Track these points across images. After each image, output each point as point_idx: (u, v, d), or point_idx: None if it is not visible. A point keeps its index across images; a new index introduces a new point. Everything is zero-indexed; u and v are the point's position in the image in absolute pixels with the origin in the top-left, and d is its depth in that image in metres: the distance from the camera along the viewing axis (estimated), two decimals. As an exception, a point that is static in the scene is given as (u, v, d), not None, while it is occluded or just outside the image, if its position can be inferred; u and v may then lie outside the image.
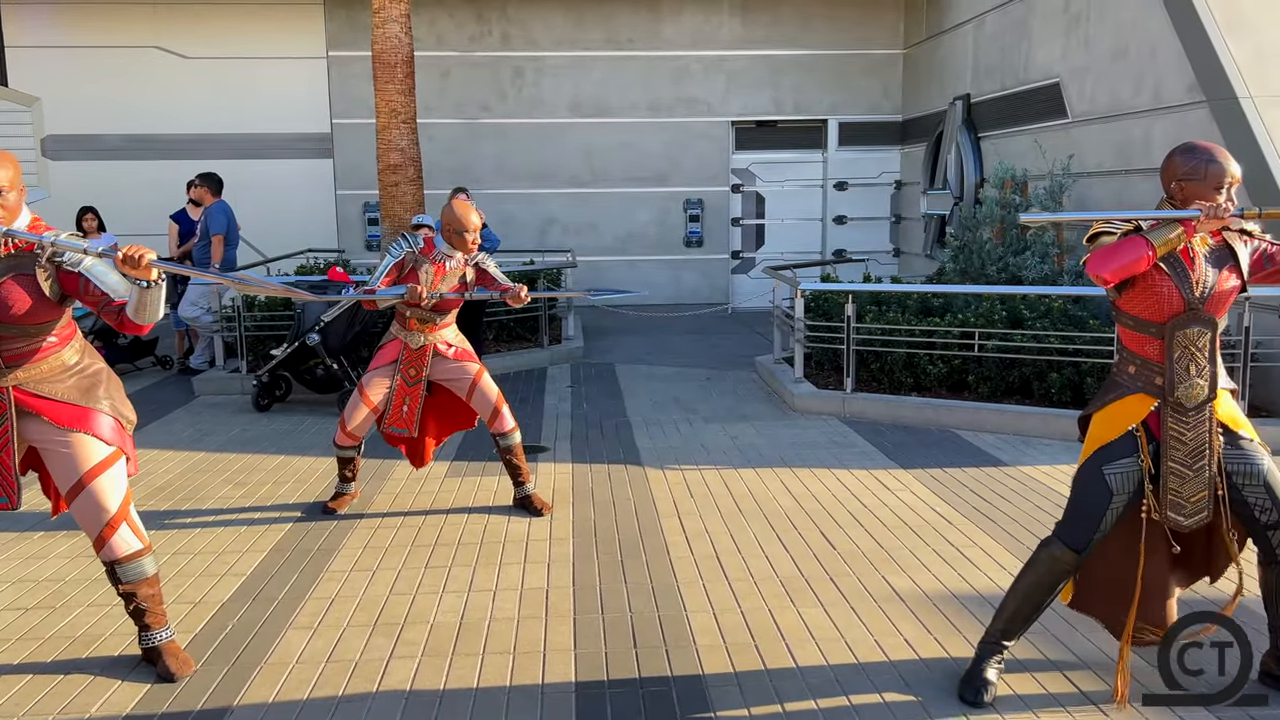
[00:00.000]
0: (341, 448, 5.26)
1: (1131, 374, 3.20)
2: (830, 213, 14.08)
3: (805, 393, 7.63)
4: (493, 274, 5.19)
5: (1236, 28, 7.23)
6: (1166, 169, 3.15)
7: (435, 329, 5.14)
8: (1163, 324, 3.10)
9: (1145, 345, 3.16)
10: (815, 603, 4.06)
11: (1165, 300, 3.08)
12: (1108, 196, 8.59)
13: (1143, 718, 3.16)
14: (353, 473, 5.36)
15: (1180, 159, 3.12)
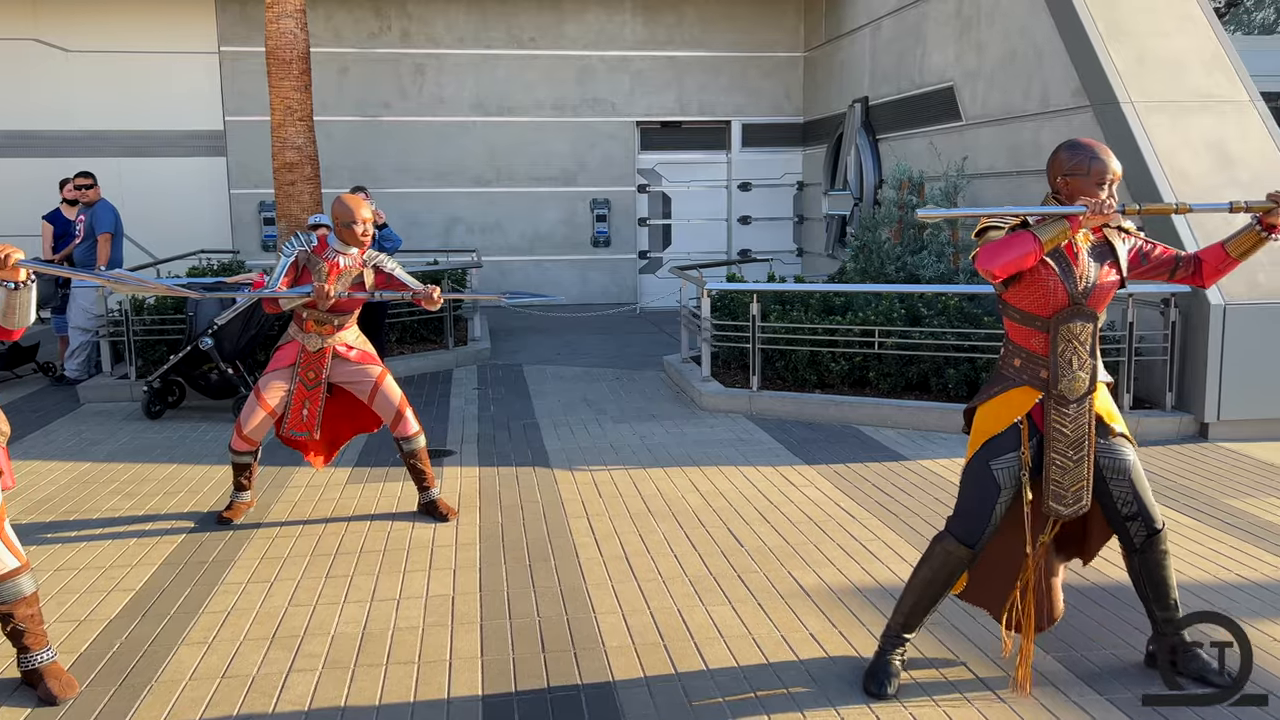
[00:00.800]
0: (237, 453, 5.08)
1: (1017, 367, 3.26)
2: (735, 213, 14.24)
3: (712, 391, 7.68)
4: (398, 276, 5.07)
5: (1117, 36, 7.54)
6: (1052, 165, 3.23)
7: (334, 331, 5.00)
8: (1048, 318, 3.18)
9: (1030, 338, 3.23)
10: (723, 601, 4.08)
11: (1050, 294, 3.15)
12: (1001, 196, 8.87)
13: (1044, 709, 3.25)
14: (249, 480, 5.18)
15: (1065, 155, 3.20)
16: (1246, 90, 7.37)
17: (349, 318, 5.06)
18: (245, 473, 5.15)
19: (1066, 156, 3.19)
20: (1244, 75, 7.46)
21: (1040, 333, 3.21)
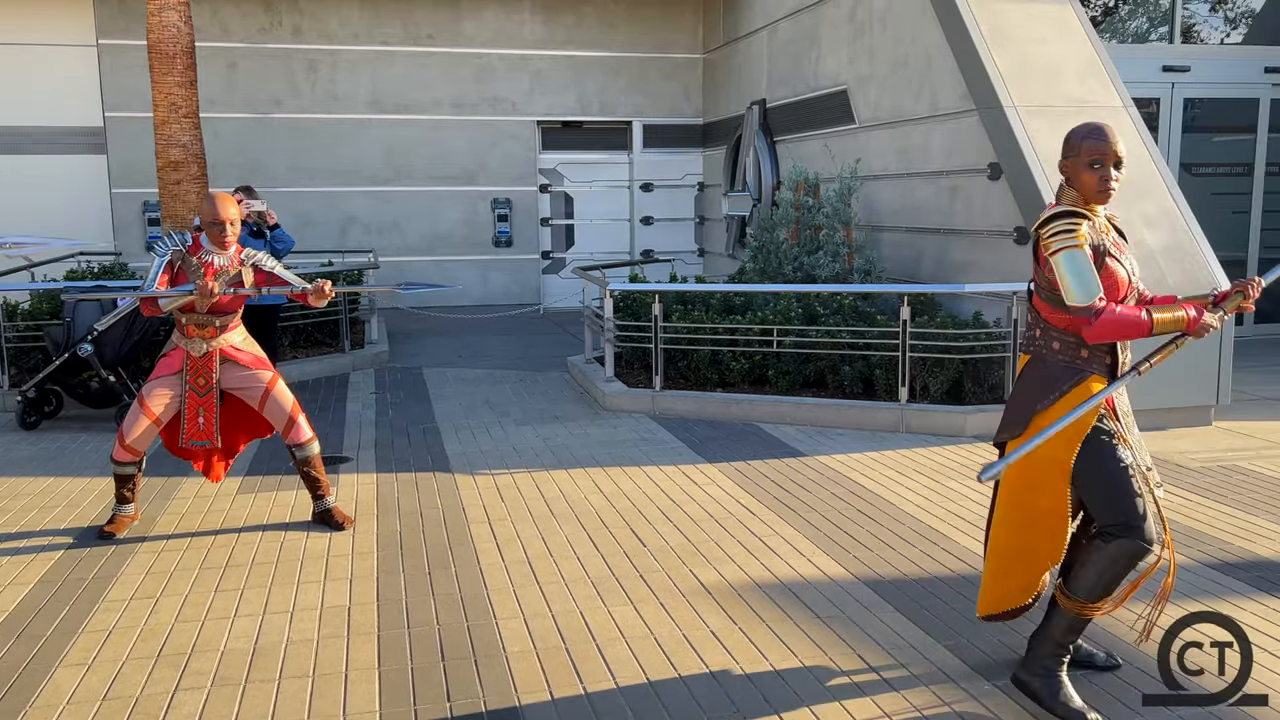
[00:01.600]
0: (120, 464, 4.86)
1: (1085, 357, 3.15)
2: (638, 213, 14.28)
3: (616, 392, 7.69)
4: (279, 274, 4.91)
5: (1001, 43, 7.82)
6: (1062, 149, 3.20)
7: (216, 333, 4.82)
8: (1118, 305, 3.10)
9: None
10: (626, 601, 4.08)
11: (1119, 283, 3.10)
12: (893, 198, 9.11)
13: (934, 697, 3.34)
14: (132, 492, 4.97)
15: (1068, 136, 3.16)
16: (1119, 96, 7.72)
17: (231, 318, 4.88)
18: (128, 484, 4.93)
19: (1065, 139, 3.16)
20: (1117, 81, 7.81)
21: None
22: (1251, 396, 7.60)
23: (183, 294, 4.66)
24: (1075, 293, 3.01)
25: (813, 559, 4.53)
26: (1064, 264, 3.04)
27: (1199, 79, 9.94)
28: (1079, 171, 3.11)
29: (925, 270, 8.60)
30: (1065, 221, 3.08)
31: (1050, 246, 3.07)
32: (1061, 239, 3.06)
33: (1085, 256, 3.03)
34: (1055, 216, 3.11)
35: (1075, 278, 3.02)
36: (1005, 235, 7.57)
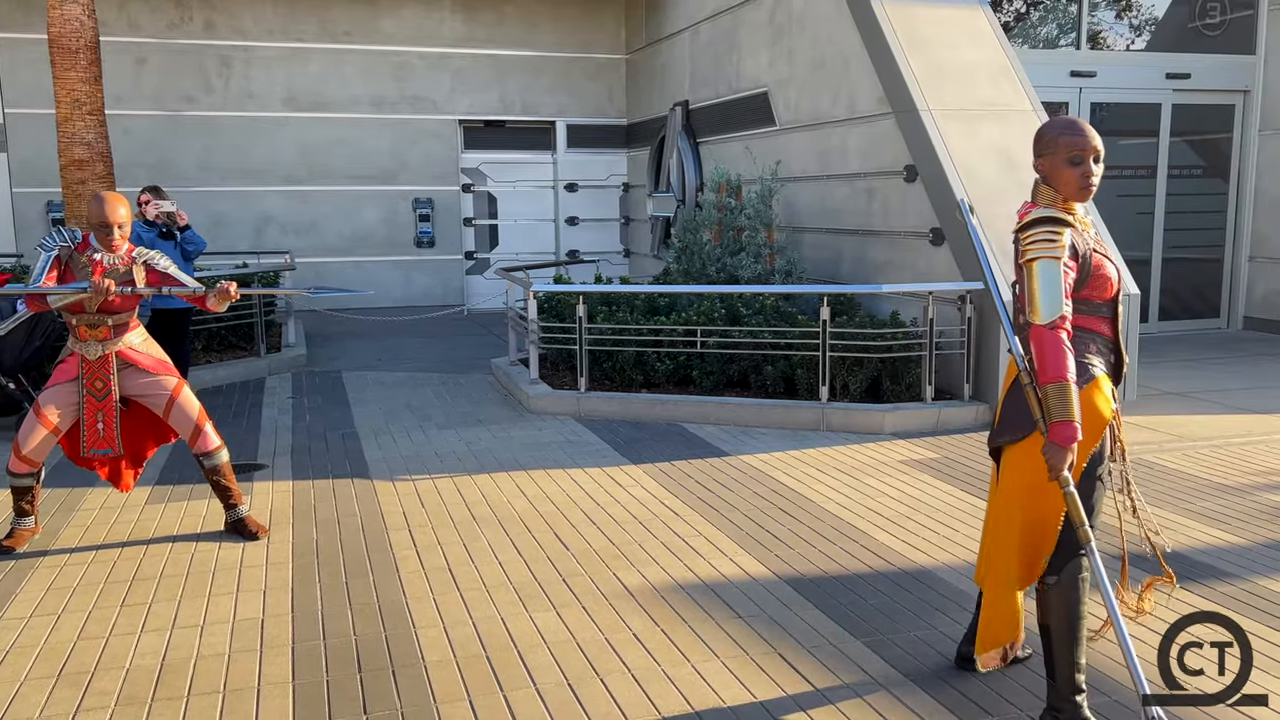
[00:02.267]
0: (16, 475, 4.66)
1: (1094, 352, 3.02)
2: (562, 214, 14.23)
3: (540, 394, 7.64)
4: (172, 274, 4.73)
5: (916, 47, 7.97)
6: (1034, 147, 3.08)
7: (109, 334, 4.63)
8: (1107, 301, 3.05)
9: (1099, 323, 3.05)
10: (548, 606, 4.05)
11: (1110, 281, 3.01)
12: (813, 200, 9.23)
13: (852, 691, 3.38)
14: (31, 504, 4.76)
15: (1040, 132, 3.05)
16: (1030, 100, 7.93)
17: (126, 318, 4.69)
18: (26, 496, 4.73)
19: (1037, 136, 3.05)
20: (1028, 86, 8.03)
21: (1104, 317, 3.05)
22: (1157, 392, 7.88)
23: (75, 290, 4.48)
24: (1042, 308, 2.85)
25: (735, 558, 4.56)
26: (1038, 274, 2.88)
27: (1105, 84, 10.28)
28: (1058, 169, 2.97)
29: (845, 271, 8.73)
30: (1048, 229, 2.91)
31: (1028, 253, 2.92)
32: (1040, 248, 2.90)
33: (1060, 271, 2.87)
34: (1038, 221, 2.94)
35: (1046, 292, 2.86)
36: (921, 236, 7.72)
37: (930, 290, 7.04)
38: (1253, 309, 10.97)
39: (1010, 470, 3.11)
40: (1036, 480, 2.98)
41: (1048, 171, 3.02)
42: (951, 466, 6.03)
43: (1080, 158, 2.97)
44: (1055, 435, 2.83)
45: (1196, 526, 4.91)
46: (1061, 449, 2.83)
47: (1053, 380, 2.83)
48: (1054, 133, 3.00)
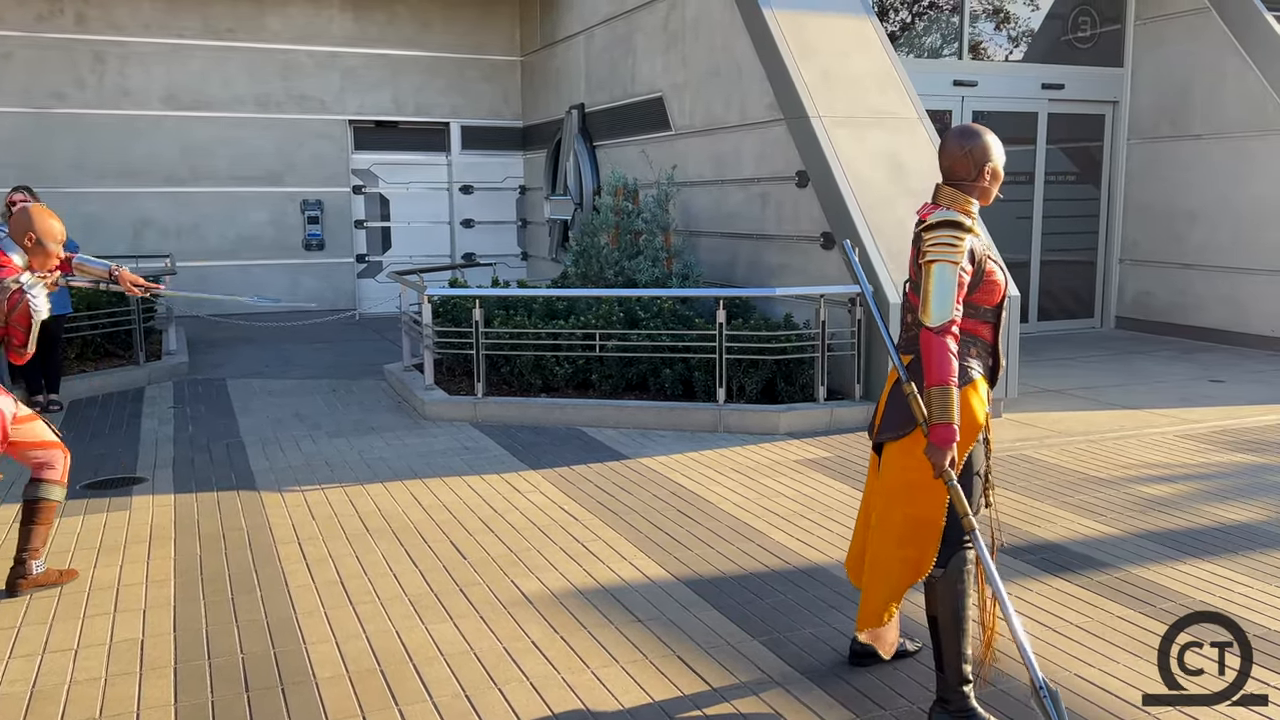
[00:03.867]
0: None
1: (974, 356, 3.12)
2: (458, 216, 14.04)
3: (436, 400, 7.51)
4: None
5: (806, 55, 8.13)
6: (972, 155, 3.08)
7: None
8: (994, 307, 3.12)
9: (980, 328, 3.13)
10: (444, 617, 3.98)
11: (999, 287, 3.09)
12: (709, 204, 9.32)
13: (748, 690, 3.41)
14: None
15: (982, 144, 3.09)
16: (915, 108, 8.17)
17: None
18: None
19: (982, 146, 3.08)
20: (913, 94, 8.27)
21: (987, 322, 3.13)
22: (1036, 389, 8.20)
23: None
24: (934, 311, 2.92)
25: (634, 562, 4.56)
26: (935, 277, 2.94)
27: (986, 93, 10.68)
28: (993, 181, 3.10)
29: (740, 274, 8.85)
30: (951, 233, 2.97)
31: (928, 254, 2.97)
32: (941, 250, 2.96)
33: (956, 276, 2.94)
34: (943, 224, 3.00)
35: (939, 295, 2.93)
36: (813, 240, 7.88)
37: (822, 293, 7.19)
38: (1124, 309, 11.54)
39: (891, 468, 3.19)
40: (917, 478, 3.07)
41: (984, 179, 3.12)
42: (844, 465, 6.16)
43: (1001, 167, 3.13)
44: (936, 437, 2.94)
45: (1074, 518, 5.12)
46: (942, 450, 2.93)
47: (937, 384, 2.92)
48: (995, 147, 3.13)
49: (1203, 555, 4.58)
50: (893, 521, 3.17)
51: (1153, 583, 4.26)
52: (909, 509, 3.12)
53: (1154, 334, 11.00)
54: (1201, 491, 5.55)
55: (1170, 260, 10.92)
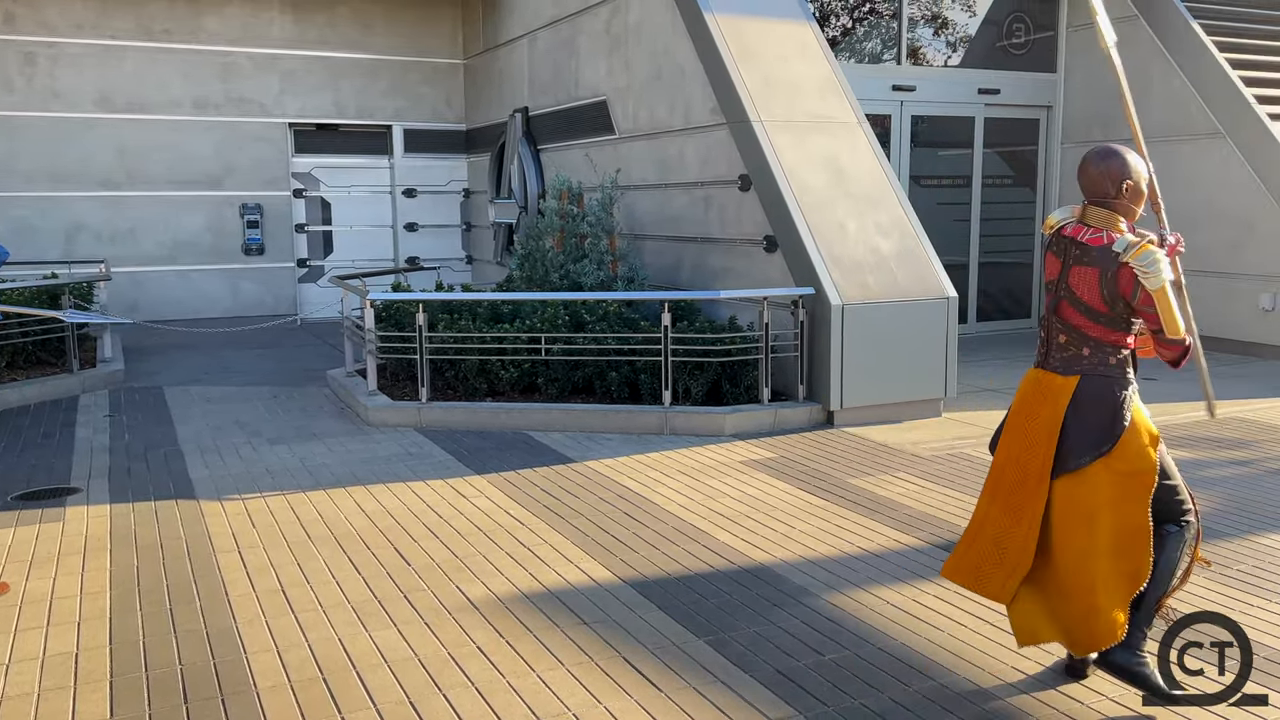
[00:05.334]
0: None
1: (1135, 369, 3.30)
2: (401, 220, 13.91)
3: (379, 405, 7.44)
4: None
5: (747, 59, 8.21)
6: (1117, 169, 3.19)
7: None
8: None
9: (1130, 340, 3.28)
10: (388, 624, 3.95)
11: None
12: (653, 208, 9.36)
13: (693, 690, 3.44)
14: None
15: (1119, 162, 3.20)
16: (855, 113, 8.30)
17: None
18: None
19: (1119, 164, 3.20)
20: (853, 99, 8.39)
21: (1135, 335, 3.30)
22: (975, 388, 8.37)
23: None
24: (1180, 326, 3.07)
25: (580, 565, 4.56)
26: (1171, 299, 3.05)
27: (924, 98, 10.87)
28: (1140, 198, 3.23)
29: (685, 277, 8.90)
30: (1160, 253, 3.08)
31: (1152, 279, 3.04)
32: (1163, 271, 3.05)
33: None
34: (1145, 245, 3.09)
35: (1175, 313, 3.07)
36: (756, 244, 7.95)
37: (765, 296, 7.26)
38: (1058, 309, 11.79)
39: (1089, 486, 3.18)
40: (1120, 492, 3.15)
41: (1137, 196, 3.23)
42: (788, 465, 6.23)
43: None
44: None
45: (1010, 514, 5.24)
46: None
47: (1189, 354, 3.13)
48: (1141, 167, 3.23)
49: (1133, 548, 4.71)
50: (1102, 540, 3.18)
51: (1085, 575, 4.37)
52: (1118, 522, 3.16)
53: (1088, 333, 11.28)
54: (1132, 486, 5.70)
55: (1103, 261, 11.20)
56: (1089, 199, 3.24)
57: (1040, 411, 3.27)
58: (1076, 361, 3.22)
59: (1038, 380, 3.33)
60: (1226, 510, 5.24)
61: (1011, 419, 3.40)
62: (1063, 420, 3.22)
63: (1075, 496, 3.22)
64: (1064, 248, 3.25)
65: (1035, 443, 3.27)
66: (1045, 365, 3.31)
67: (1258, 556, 4.58)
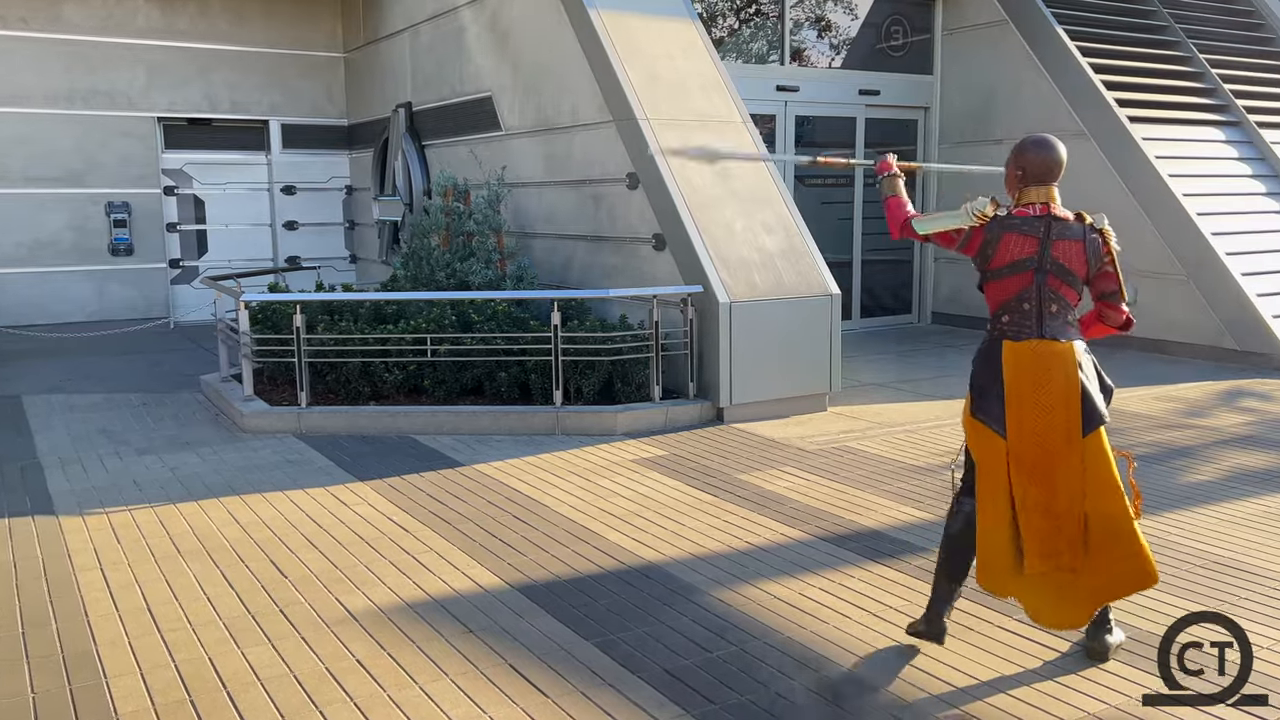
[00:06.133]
0: None
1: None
2: (280, 218, 13.43)
3: (256, 411, 7.16)
4: None
5: (633, 57, 8.19)
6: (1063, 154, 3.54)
7: None
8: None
9: None
10: (262, 640, 3.77)
11: None
12: (542, 205, 9.27)
13: (579, 694, 3.38)
14: None
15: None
16: (740, 112, 8.36)
17: None
18: None
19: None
20: (738, 99, 8.46)
21: None
22: (859, 383, 8.55)
23: None
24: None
25: (467, 571, 4.46)
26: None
27: (807, 98, 11.06)
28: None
29: (575, 276, 8.83)
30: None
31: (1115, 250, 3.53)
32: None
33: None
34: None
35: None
36: (645, 242, 7.94)
37: (655, 294, 7.26)
38: (939, 305, 12.19)
39: (1104, 445, 3.43)
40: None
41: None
42: (679, 462, 6.24)
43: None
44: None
45: (894, 506, 5.35)
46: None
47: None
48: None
49: (1008, 535, 4.85)
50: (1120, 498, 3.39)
51: (964, 563, 4.49)
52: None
53: (967, 328, 11.65)
54: (1008, 475, 5.89)
55: (979, 258, 11.58)
56: (1047, 182, 3.51)
57: (1050, 378, 3.42)
58: (1067, 328, 3.49)
59: (1035, 350, 3.45)
60: (1094, 496, 5.46)
61: (1014, 394, 3.44)
62: (1080, 383, 3.42)
63: (1103, 450, 3.42)
64: (1040, 226, 3.47)
65: (1052, 408, 3.40)
66: (1042, 334, 3.47)
67: (1123, 539, 4.78)
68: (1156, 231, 9.78)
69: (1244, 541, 4.73)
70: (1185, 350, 9.65)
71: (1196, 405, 7.68)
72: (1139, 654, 3.56)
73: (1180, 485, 5.63)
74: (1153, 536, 4.78)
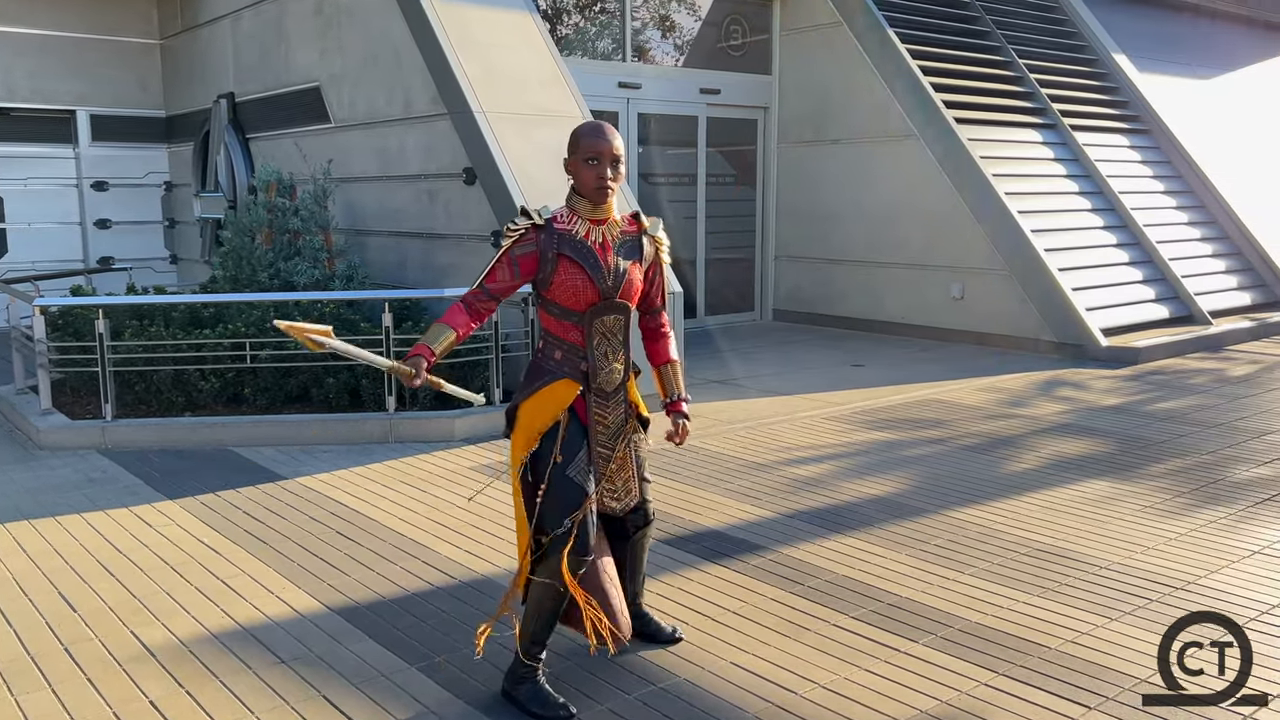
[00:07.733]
0: None
1: (558, 360, 3.21)
2: (90, 216, 12.44)
3: (55, 426, 6.53)
4: None
5: (467, 47, 7.91)
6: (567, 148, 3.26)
7: None
8: (582, 312, 3.17)
9: (569, 331, 3.21)
10: (41, 684, 3.36)
11: (582, 291, 3.14)
12: (375, 202, 8.86)
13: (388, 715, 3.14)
14: None
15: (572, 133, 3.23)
16: (580, 107, 8.21)
17: None
18: None
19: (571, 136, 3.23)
20: (578, 94, 8.29)
21: (577, 326, 3.19)
22: (703, 381, 8.53)
23: None
24: None
25: (282, 595, 4.12)
26: None
27: (650, 96, 11.01)
28: (579, 168, 3.17)
29: (411, 275, 8.48)
30: (510, 224, 3.27)
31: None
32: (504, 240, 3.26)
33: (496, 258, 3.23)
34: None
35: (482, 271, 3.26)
36: (483, 239, 7.69)
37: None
38: (780, 302, 12.38)
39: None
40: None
41: (572, 171, 3.23)
42: (518, 468, 6.02)
43: (597, 159, 3.14)
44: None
45: (733, 504, 5.30)
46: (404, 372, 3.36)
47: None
48: (579, 135, 3.19)
49: (846, 531, 4.88)
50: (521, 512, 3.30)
51: (802, 561, 4.47)
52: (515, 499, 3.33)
53: (806, 324, 11.89)
54: (845, 469, 5.96)
55: (817, 256, 11.84)
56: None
57: None
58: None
59: None
60: (923, 488, 5.57)
61: None
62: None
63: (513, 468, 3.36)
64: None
65: None
66: None
67: (952, 531, 4.87)
68: (981, 229, 10.19)
69: (1064, 528, 4.90)
70: (1008, 343, 10.09)
71: (1018, 395, 8.01)
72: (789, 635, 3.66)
73: (1004, 474, 5.81)
74: (980, 526, 4.90)
